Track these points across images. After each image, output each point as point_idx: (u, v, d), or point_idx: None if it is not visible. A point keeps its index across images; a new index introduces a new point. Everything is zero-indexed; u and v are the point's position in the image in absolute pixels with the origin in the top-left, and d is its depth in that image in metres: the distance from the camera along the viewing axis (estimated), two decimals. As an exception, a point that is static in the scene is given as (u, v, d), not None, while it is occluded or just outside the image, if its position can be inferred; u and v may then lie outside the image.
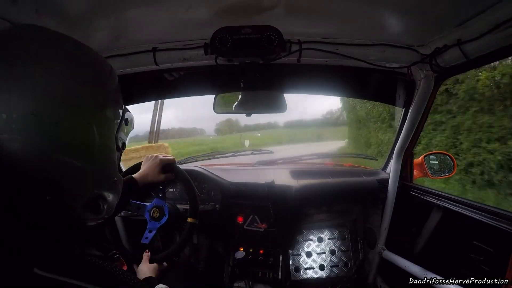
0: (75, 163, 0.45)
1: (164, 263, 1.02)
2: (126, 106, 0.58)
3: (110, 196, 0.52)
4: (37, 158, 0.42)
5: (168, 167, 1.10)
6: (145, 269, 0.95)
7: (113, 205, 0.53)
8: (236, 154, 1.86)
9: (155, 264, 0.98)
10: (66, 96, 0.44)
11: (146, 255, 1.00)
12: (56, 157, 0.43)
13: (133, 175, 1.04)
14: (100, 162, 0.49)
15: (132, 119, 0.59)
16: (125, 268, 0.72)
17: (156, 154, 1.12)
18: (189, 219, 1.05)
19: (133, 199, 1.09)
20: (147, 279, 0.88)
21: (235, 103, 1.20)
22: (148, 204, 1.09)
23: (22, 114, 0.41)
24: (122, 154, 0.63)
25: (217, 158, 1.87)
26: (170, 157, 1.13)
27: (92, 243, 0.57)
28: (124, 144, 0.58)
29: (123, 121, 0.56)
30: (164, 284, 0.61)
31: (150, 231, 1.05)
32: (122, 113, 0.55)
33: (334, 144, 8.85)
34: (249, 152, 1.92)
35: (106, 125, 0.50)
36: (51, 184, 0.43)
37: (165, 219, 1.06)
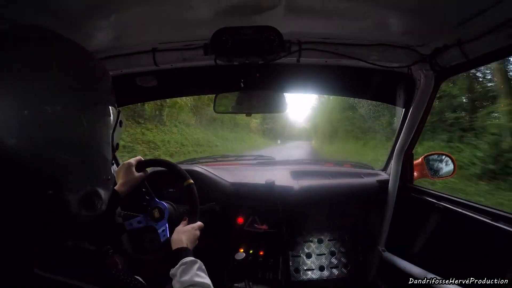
0: (69, 159, 0.46)
1: (199, 222, 0.98)
2: (126, 106, 0.59)
3: (103, 193, 0.53)
4: (32, 154, 0.42)
5: (140, 165, 1.09)
6: (178, 237, 0.89)
7: (106, 202, 0.54)
8: (238, 159, 1.89)
9: (189, 227, 0.94)
10: (59, 93, 0.45)
11: (183, 223, 0.97)
12: (49, 152, 0.44)
13: (114, 188, 1.01)
14: (94, 159, 0.50)
15: (124, 121, 0.61)
16: (119, 266, 0.72)
17: (123, 162, 1.10)
18: (185, 183, 1.06)
19: (130, 216, 1.06)
20: (180, 250, 0.83)
21: (235, 103, 1.20)
22: (148, 209, 1.08)
23: (16, 110, 0.41)
24: None
25: (219, 161, 1.90)
26: (136, 157, 1.12)
27: (87, 238, 0.57)
28: (117, 145, 0.59)
29: (118, 122, 0.57)
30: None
31: (163, 230, 1.03)
32: (117, 114, 0.57)
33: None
34: (252, 158, 1.96)
35: (98, 123, 0.51)
36: (49, 179, 0.44)
37: (167, 212, 1.05)
